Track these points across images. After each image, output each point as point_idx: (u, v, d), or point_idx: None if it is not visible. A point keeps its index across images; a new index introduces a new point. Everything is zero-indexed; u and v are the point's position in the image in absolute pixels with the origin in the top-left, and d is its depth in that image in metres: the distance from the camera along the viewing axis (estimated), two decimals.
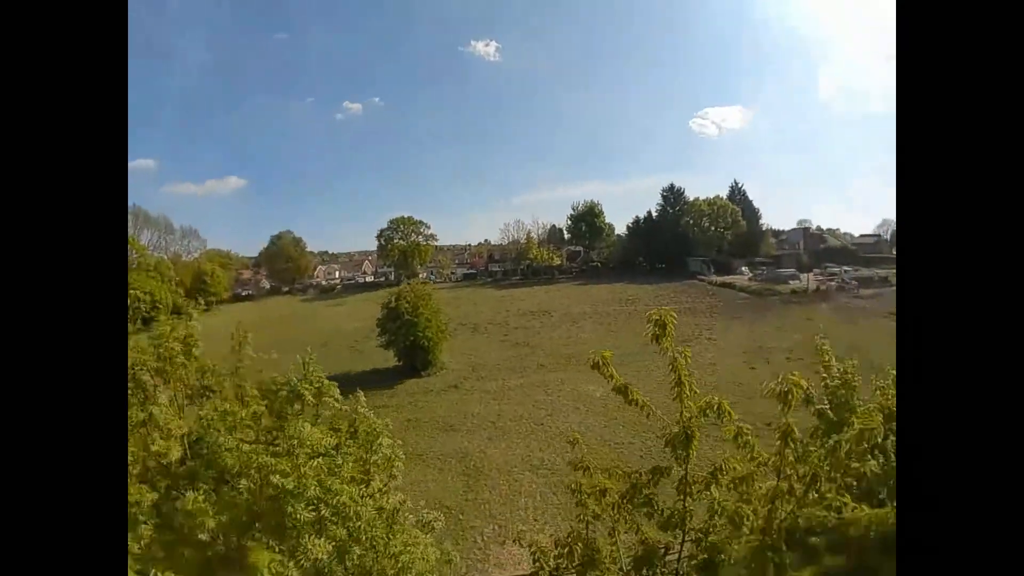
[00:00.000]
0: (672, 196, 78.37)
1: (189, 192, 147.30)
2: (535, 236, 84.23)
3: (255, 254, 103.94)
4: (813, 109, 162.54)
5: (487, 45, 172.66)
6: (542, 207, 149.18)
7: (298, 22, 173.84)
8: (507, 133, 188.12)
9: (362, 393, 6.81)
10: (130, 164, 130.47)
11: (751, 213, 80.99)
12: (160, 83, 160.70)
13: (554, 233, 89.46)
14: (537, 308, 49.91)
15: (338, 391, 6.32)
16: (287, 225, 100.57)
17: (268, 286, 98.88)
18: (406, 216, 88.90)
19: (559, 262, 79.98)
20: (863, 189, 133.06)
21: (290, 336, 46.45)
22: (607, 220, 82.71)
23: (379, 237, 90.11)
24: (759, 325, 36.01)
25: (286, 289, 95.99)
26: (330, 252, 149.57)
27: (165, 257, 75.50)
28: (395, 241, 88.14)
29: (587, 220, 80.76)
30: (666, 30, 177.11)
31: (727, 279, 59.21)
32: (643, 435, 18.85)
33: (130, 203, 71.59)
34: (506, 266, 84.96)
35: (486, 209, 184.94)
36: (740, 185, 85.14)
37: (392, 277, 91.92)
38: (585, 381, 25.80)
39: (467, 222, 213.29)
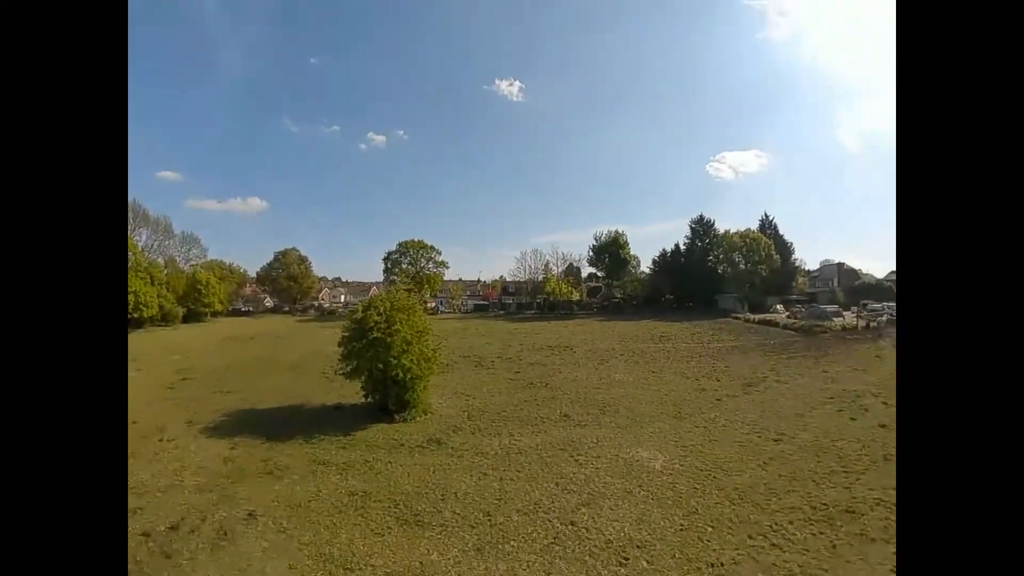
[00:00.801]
0: (701, 228, 70.80)
1: (212, 208, 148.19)
2: (555, 268, 76.60)
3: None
4: (830, 151, 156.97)
5: (511, 85, 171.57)
6: (561, 248, 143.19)
7: (330, 49, 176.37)
8: (528, 172, 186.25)
9: None
10: (155, 175, 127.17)
11: (783, 248, 74.04)
12: (193, 97, 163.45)
13: (571, 271, 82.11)
14: (556, 343, 41.49)
15: None
16: (303, 250, 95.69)
17: (272, 304, 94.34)
18: (416, 240, 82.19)
19: (579, 297, 71.68)
20: (882, 230, 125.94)
21: (259, 355, 39.10)
22: (631, 252, 74.99)
23: (385, 260, 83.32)
24: (827, 365, 28.20)
25: (287, 308, 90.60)
26: (343, 279, 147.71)
27: (160, 260, 70.49)
28: (402, 266, 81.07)
29: (611, 251, 72.22)
30: (684, 75, 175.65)
31: (764, 317, 52.69)
32: (751, 543, 10.56)
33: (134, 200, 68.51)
34: (521, 299, 76.97)
35: (503, 247, 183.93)
36: (771, 219, 79.00)
37: None
38: (633, 442, 17.30)
39: (483, 259, 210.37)
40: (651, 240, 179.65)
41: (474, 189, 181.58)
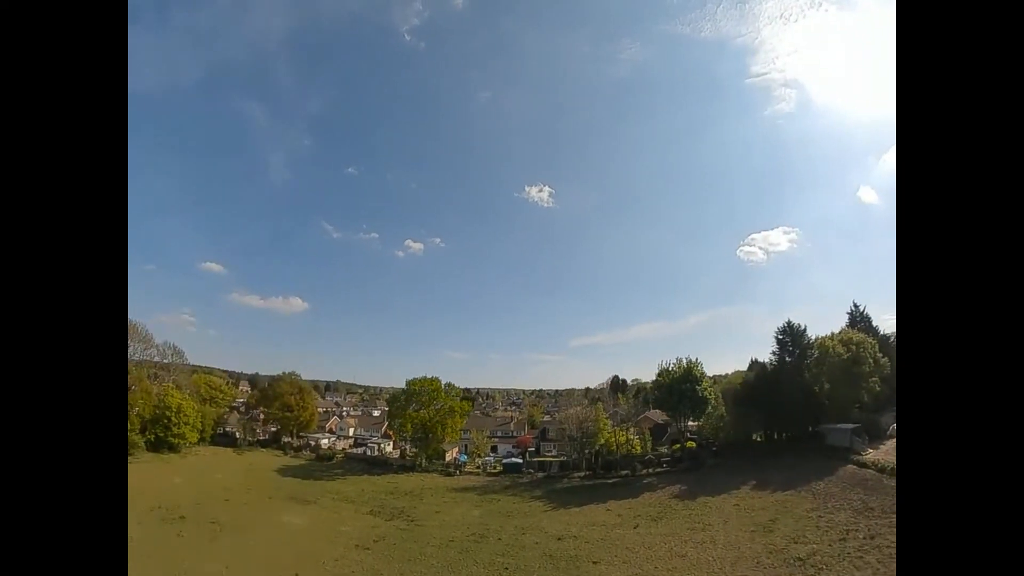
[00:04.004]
0: (790, 339, 54.80)
1: (255, 304, 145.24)
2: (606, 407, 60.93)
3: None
4: (857, 216, 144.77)
5: (540, 190, 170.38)
6: (599, 351, 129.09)
7: (367, 159, 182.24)
8: (561, 275, 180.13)
9: None
10: (198, 266, 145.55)
11: (884, 345, 57.40)
12: (242, 195, 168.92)
13: (617, 385, 66.33)
14: None
15: None
16: (337, 353, 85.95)
17: (275, 428, 79.18)
18: (429, 377, 68.87)
19: (639, 449, 55.16)
20: None
21: None
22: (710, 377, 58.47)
23: (390, 403, 70.06)
24: None
25: (286, 440, 75.34)
26: (373, 387, 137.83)
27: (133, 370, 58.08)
28: (410, 411, 66.38)
29: (682, 389, 54.96)
30: (702, 164, 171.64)
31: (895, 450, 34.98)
32: None
33: (189, 306, 63.07)
34: (564, 451, 60.23)
35: (542, 352, 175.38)
36: (862, 308, 63.89)
37: (408, 455, 68.73)
38: None
39: (519, 364, 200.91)
40: (691, 335, 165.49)
41: (512, 294, 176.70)
